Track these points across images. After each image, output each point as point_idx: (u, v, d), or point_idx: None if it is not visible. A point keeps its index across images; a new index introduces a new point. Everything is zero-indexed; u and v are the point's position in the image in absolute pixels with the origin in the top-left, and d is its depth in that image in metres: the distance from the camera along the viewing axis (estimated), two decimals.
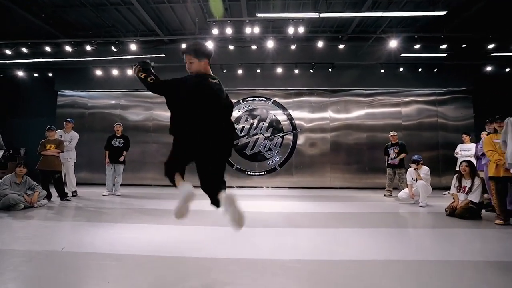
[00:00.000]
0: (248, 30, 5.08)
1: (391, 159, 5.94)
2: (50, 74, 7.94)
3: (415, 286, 1.80)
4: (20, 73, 7.73)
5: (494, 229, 3.34)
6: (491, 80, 7.55)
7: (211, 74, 1.96)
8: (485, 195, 4.49)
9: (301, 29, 4.91)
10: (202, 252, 2.37)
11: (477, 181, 3.87)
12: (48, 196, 4.72)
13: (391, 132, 6.15)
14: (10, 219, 3.51)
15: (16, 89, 8.55)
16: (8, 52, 6.36)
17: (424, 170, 4.96)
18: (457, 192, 4.10)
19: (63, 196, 4.96)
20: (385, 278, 1.89)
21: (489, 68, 7.15)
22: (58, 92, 8.17)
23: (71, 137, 5.54)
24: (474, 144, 6.04)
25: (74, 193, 5.47)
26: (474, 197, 3.79)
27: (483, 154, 4.30)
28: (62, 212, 4.10)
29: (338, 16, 4.94)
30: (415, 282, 1.85)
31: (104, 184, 5.95)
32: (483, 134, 5.74)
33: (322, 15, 4.34)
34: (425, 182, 4.75)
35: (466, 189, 3.97)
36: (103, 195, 5.67)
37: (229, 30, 5.12)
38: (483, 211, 4.01)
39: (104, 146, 5.85)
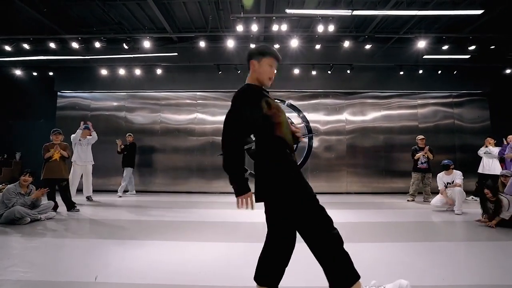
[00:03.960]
0: (274, 28, 4.78)
1: (421, 163, 5.71)
2: (51, 73, 7.43)
3: None
4: (18, 72, 7.20)
5: None
6: (508, 83, 7.46)
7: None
8: None
9: (331, 27, 4.63)
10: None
11: (504, 201, 3.50)
12: (55, 207, 4.28)
13: (419, 136, 5.93)
14: (18, 236, 3.09)
15: (12, 89, 8.00)
16: (7, 48, 5.86)
17: (458, 174, 4.74)
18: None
19: (70, 206, 4.52)
20: None
21: (508, 71, 7.05)
22: (58, 93, 7.68)
23: (88, 142, 5.60)
24: (498, 148, 5.90)
25: (89, 198, 5.53)
26: (507, 215, 3.46)
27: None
28: (76, 227, 3.68)
29: (369, 14, 4.69)
30: None
31: (106, 191, 6.66)
32: (510, 137, 5.62)
33: (355, 12, 4.08)
34: (462, 188, 4.53)
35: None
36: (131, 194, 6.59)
37: (254, 27, 4.79)
38: None
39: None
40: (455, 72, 6.95)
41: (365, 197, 6.67)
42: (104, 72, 7.15)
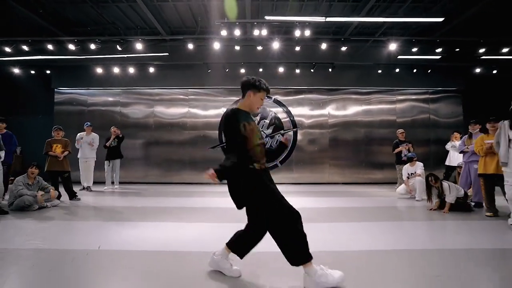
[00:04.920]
0: (255, 32, 5.20)
1: (404, 155, 6.13)
2: (48, 72, 7.77)
3: (416, 273, 2.03)
4: (16, 70, 7.54)
5: (484, 221, 3.70)
6: (480, 81, 7.98)
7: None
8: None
9: (307, 32, 5.07)
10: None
11: (445, 186, 4.06)
12: (59, 196, 4.77)
13: (399, 130, 6.37)
14: (29, 220, 3.58)
15: (11, 87, 8.32)
16: (7, 49, 6.21)
17: (420, 166, 5.31)
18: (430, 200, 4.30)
19: (72, 195, 5.01)
20: (387, 267, 2.13)
21: (478, 70, 7.57)
22: (55, 90, 8.04)
23: (92, 139, 6.11)
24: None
25: (88, 188, 6.08)
26: (450, 199, 4.00)
27: (462, 152, 4.74)
28: (78, 212, 4.18)
29: (342, 20, 5.12)
30: (415, 270, 2.08)
31: (103, 182, 6.54)
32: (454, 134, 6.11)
33: (328, 19, 4.51)
34: (422, 178, 5.09)
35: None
36: (104, 189, 6.29)
37: (237, 32, 5.21)
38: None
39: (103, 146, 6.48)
40: (429, 71, 7.45)
41: (345, 187, 7.24)
42: (99, 70, 7.52)
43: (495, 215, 3.78)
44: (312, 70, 7.42)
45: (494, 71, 7.50)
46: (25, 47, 6.38)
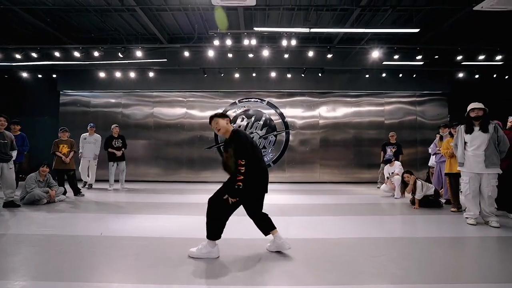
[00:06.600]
0: (245, 42, 5.61)
1: (388, 156, 6.50)
2: (54, 76, 8.25)
3: (358, 255, 2.45)
4: (24, 74, 8.02)
5: (449, 215, 4.08)
6: (464, 85, 8.31)
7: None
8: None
9: (293, 42, 5.47)
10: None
11: (418, 184, 4.47)
12: (64, 192, 5.21)
13: (390, 133, 6.74)
14: (39, 212, 4.02)
15: (20, 90, 8.81)
16: (17, 56, 6.67)
17: (398, 165, 5.69)
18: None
19: (77, 192, 5.46)
20: (338, 251, 2.54)
21: (461, 75, 7.93)
22: (61, 92, 8.50)
23: (95, 139, 6.42)
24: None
25: (90, 186, 6.38)
26: (418, 195, 4.43)
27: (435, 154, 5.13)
28: (83, 206, 4.62)
29: (324, 31, 5.51)
30: (361, 253, 2.50)
31: (107, 181, 6.55)
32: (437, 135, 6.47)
33: (312, 30, 4.90)
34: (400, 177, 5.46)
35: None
36: (109, 189, 6.32)
37: (228, 42, 5.63)
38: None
39: (104, 147, 6.42)
40: (414, 76, 7.82)
41: (334, 186, 7.62)
42: (102, 74, 7.97)
43: (459, 210, 4.16)
44: (302, 75, 7.81)
45: (476, 76, 7.84)
46: (33, 54, 6.83)
